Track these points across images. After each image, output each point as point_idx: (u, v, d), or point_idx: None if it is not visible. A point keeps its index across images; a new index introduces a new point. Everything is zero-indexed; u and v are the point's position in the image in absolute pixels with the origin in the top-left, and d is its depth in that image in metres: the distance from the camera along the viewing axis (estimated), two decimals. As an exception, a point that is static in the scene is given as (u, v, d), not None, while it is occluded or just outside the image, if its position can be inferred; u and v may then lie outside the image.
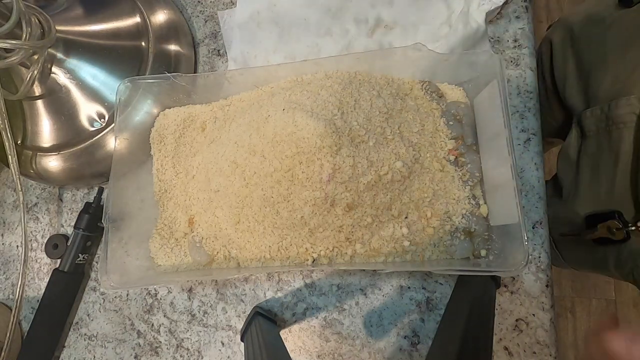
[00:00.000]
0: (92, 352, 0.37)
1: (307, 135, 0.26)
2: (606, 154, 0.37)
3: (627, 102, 0.35)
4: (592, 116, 0.39)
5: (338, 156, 0.26)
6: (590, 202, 0.39)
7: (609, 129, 0.37)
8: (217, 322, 0.34)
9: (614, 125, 0.36)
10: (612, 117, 0.36)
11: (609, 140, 0.37)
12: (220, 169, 0.30)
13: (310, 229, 0.28)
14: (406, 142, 0.28)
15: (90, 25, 0.36)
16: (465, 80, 0.31)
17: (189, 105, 0.35)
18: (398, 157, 0.27)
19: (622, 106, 0.35)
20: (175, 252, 0.32)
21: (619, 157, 0.36)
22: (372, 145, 0.27)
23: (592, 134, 0.39)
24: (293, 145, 0.26)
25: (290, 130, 0.26)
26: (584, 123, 0.40)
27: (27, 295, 0.40)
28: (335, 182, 0.26)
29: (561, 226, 0.44)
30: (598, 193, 0.38)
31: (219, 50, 0.39)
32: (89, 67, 0.35)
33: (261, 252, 0.30)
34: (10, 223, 0.42)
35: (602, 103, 0.38)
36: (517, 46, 0.32)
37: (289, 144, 0.27)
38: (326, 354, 0.32)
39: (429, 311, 0.30)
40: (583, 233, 0.40)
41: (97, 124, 0.35)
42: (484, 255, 0.27)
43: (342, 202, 0.27)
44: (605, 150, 0.37)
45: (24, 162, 0.37)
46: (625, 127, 0.35)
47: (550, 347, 0.28)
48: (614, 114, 0.36)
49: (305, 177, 0.27)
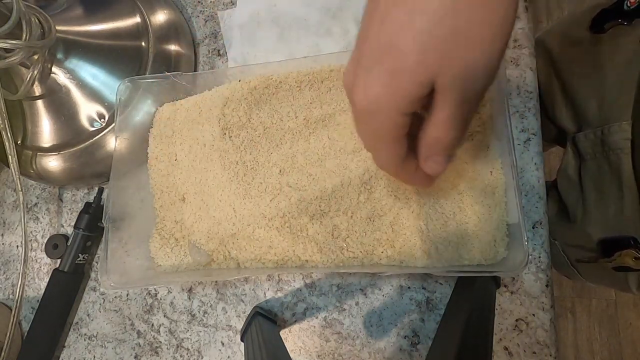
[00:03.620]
0: (92, 352, 0.37)
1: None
2: (608, 177, 0.37)
3: (620, 128, 0.35)
4: (587, 140, 0.39)
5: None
6: (601, 225, 0.39)
7: (606, 154, 0.37)
8: (217, 322, 0.34)
9: (611, 151, 0.36)
10: (608, 143, 0.36)
11: (608, 164, 0.37)
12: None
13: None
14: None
15: (90, 25, 0.36)
16: (465, 80, 0.31)
17: (187, 97, 0.35)
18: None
19: (615, 132, 0.35)
20: (175, 252, 0.32)
21: (622, 181, 0.36)
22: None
23: (590, 157, 0.39)
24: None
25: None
26: (580, 146, 0.40)
27: (27, 295, 0.40)
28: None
29: (575, 250, 0.43)
30: (607, 216, 0.38)
31: (219, 50, 0.39)
32: (89, 67, 0.35)
33: (261, 253, 0.30)
34: (10, 223, 0.42)
35: (593, 127, 0.38)
36: (517, 46, 0.32)
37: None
38: (326, 354, 0.32)
39: (429, 311, 0.30)
40: (600, 261, 0.39)
41: (97, 124, 0.35)
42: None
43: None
44: (607, 174, 0.37)
45: (24, 162, 0.37)
46: (622, 153, 0.35)
47: (550, 347, 0.28)
48: (609, 139, 0.36)
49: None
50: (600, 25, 0.36)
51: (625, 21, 0.33)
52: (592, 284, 0.48)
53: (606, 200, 0.38)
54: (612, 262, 0.37)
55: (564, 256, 0.45)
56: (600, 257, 0.39)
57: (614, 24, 0.35)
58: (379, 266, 0.27)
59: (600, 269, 0.41)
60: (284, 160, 0.30)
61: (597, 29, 0.37)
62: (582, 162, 0.40)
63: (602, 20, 0.36)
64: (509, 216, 0.26)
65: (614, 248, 0.37)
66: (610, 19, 0.35)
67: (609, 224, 0.38)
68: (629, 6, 0.33)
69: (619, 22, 0.34)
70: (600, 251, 0.39)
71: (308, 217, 0.28)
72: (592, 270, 0.45)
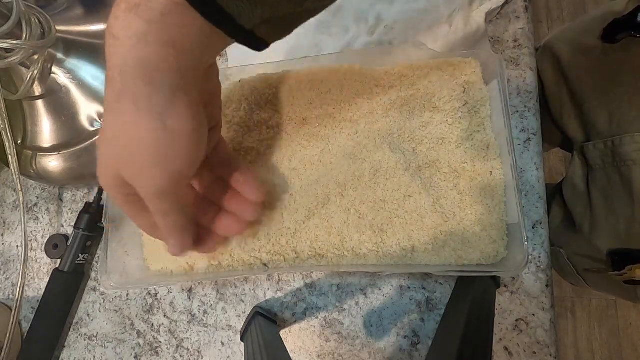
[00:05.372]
0: (92, 352, 0.37)
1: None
2: (619, 188, 0.37)
3: (632, 140, 0.35)
4: (596, 150, 0.38)
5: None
6: (610, 237, 0.38)
7: (616, 165, 0.36)
8: (217, 322, 0.34)
9: (622, 162, 0.36)
10: (619, 154, 0.36)
11: (619, 175, 0.36)
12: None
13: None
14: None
15: (90, 25, 0.36)
16: (465, 80, 0.31)
17: None
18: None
19: (628, 144, 0.35)
20: (166, 256, 0.31)
21: (632, 193, 0.35)
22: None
23: (599, 167, 0.38)
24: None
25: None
26: (588, 155, 0.39)
27: (27, 295, 0.40)
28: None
29: (582, 260, 0.43)
30: (617, 228, 0.37)
31: (219, 50, 0.39)
32: (89, 67, 0.35)
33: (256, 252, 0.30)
34: (10, 223, 0.42)
35: (603, 137, 0.37)
36: (517, 46, 0.32)
37: None
38: (326, 354, 0.32)
39: (429, 311, 0.30)
40: (610, 274, 0.39)
41: (97, 124, 0.35)
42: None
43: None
44: (617, 185, 0.37)
45: (24, 162, 0.37)
46: (634, 164, 0.35)
47: (550, 347, 0.28)
48: (620, 151, 0.36)
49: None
50: (612, 36, 0.36)
51: (637, 34, 0.33)
52: (600, 292, 0.48)
53: (616, 212, 0.37)
54: (623, 276, 0.37)
55: (570, 265, 0.45)
56: (609, 270, 0.38)
57: (626, 36, 0.34)
58: (379, 266, 0.27)
59: (608, 280, 0.41)
60: (285, 161, 0.30)
61: (608, 39, 0.36)
62: (590, 172, 0.40)
63: (614, 31, 0.35)
64: (509, 216, 0.26)
65: (624, 261, 0.37)
66: (622, 30, 0.34)
67: (618, 236, 0.37)
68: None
69: (632, 34, 0.33)
70: (610, 264, 0.38)
71: (304, 217, 0.28)
72: (600, 281, 0.45)
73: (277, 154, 0.31)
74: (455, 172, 0.27)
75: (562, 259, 0.45)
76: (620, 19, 0.35)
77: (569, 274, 0.46)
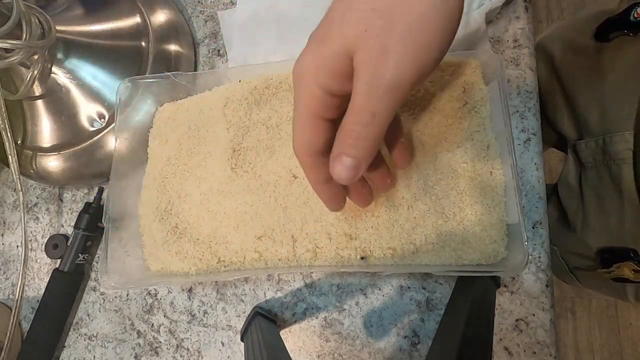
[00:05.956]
0: (92, 352, 0.37)
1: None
2: (609, 187, 0.37)
3: (622, 138, 0.35)
4: (588, 148, 0.38)
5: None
6: (601, 234, 0.38)
7: (607, 163, 0.36)
8: (217, 322, 0.34)
9: (612, 161, 0.36)
10: (609, 153, 0.36)
11: (609, 174, 0.36)
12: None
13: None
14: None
15: (90, 25, 0.36)
16: (465, 80, 0.31)
17: (187, 97, 0.35)
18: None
19: (617, 142, 0.35)
20: (165, 255, 0.31)
21: (622, 192, 0.35)
22: None
23: (591, 165, 0.39)
24: None
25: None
26: (581, 154, 0.39)
27: (27, 295, 0.40)
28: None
29: (574, 258, 0.43)
30: (607, 226, 0.37)
31: (219, 50, 0.39)
32: (89, 67, 0.35)
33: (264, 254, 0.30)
34: (10, 223, 0.42)
35: (594, 135, 0.38)
36: (517, 46, 0.32)
37: None
38: (326, 354, 0.32)
39: (429, 311, 0.30)
40: (599, 271, 0.39)
41: (97, 124, 0.35)
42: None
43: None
44: (608, 183, 0.37)
45: (24, 162, 0.37)
46: (624, 163, 0.35)
47: (550, 347, 0.28)
48: (610, 149, 0.36)
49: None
50: (605, 34, 0.36)
51: (630, 32, 0.33)
52: (591, 290, 0.48)
53: (606, 211, 0.37)
54: (611, 273, 0.37)
55: (563, 262, 0.45)
56: (598, 267, 0.39)
57: (619, 34, 0.34)
58: (379, 266, 0.27)
59: (599, 278, 0.41)
60: (286, 160, 0.30)
61: (601, 38, 0.36)
62: (583, 170, 0.40)
63: (607, 30, 0.35)
64: (509, 216, 0.26)
65: (613, 259, 0.37)
66: (615, 29, 0.34)
67: (608, 234, 0.37)
68: (636, 17, 0.32)
69: (625, 32, 0.33)
70: (599, 261, 0.39)
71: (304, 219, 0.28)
72: (591, 279, 0.45)
73: (277, 154, 0.31)
74: (455, 172, 0.27)
75: (555, 256, 0.45)
76: (613, 17, 0.35)
77: (562, 271, 0.46)
